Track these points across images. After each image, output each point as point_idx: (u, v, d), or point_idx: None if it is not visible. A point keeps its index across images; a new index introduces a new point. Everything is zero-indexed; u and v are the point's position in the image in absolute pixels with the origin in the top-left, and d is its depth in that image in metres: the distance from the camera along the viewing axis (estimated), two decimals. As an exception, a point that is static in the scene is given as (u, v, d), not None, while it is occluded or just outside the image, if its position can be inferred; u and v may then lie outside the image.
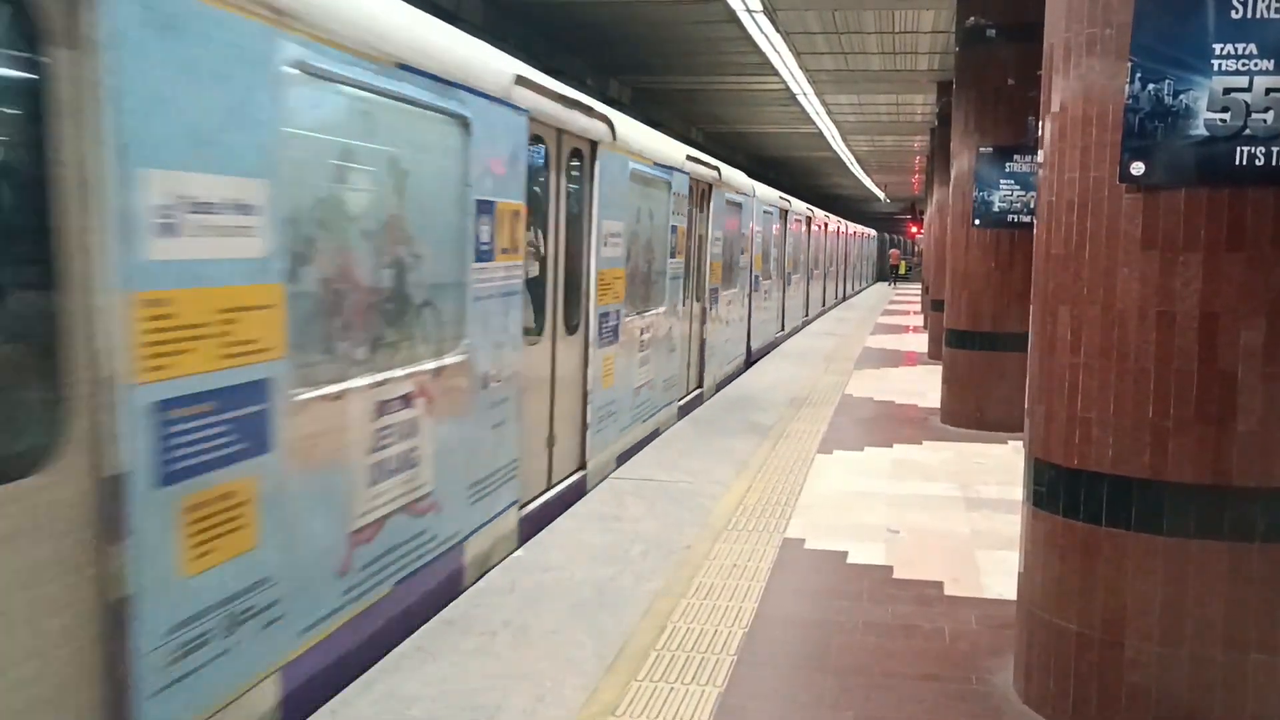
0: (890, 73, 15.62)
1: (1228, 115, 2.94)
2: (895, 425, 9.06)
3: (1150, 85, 3.02)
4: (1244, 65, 2.93)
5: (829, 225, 25.43)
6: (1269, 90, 2.91)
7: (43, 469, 2.43)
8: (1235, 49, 2.93)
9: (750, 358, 13.96)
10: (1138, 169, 3.07)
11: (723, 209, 11.28)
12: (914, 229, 40.93)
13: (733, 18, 11.98)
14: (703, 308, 10.67)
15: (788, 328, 18.01)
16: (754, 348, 14.28)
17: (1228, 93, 2.94)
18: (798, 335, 17.86)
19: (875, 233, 46.31)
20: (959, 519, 5.90)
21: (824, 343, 16.53)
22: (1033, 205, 6.43)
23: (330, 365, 3.61)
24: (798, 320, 19.73)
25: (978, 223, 8.83)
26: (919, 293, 27.24)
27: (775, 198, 16.07)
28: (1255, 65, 2.92)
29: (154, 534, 2.69)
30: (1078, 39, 3.24)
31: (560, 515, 5.81)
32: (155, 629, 2.71)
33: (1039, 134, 3.51)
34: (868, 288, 41.62)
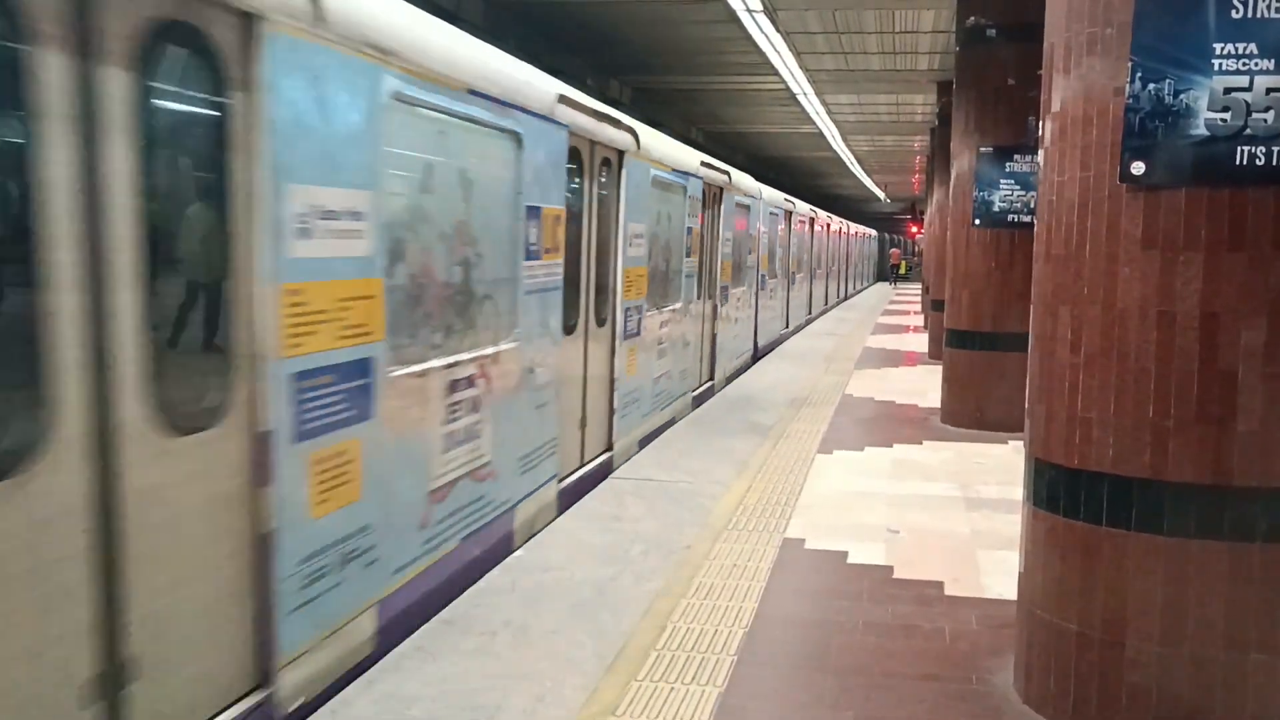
0: (890, 73, 15.61)
1: (1228, 115, 2.94)
2: (895, 425, 9.06)
3: (1151, 85, 3.02)
4: (1244, 65, 2.92)
5: (831, 225, 25.76)
6: (1269, 90, 2.91)
7: (218, 424, 3.05)
8: (1235, 48, 2.93)
9: (757, 353, 14.33)
10: (1138, 169, 3.07)
11: (732, 211, 11.73)
12: (914, 229, 40.95)
13: (733, 18, 11.98)
14: (714, 304, 11.08)
15: (792, 325, 18.43)
16: (760, 344, 14.64)
17: (1228, 92, 2.94)
18: (798, 336, 17.92)
19: (875, 233, 46.34)
20: (959, 519, 5.91)
21: (824, 343, 16.54)
22: (1033, 205, 6.43)
23: (415, 348, 4.22)
24: (801, 319, 20.10)
25: (978, 223, 8.83)
26: (919, 293, 27.24)
27: (781, 200, 16.42)
28: (1255, 65, 2.92)
29: (290, 482, 3.30)
30: (1078, 39, 3.24)
31: (591, 490, 6.34)
32: (291, 559, 3.32)
33: (1039, 134, 3.51)
34: (868, 287, 41.63)
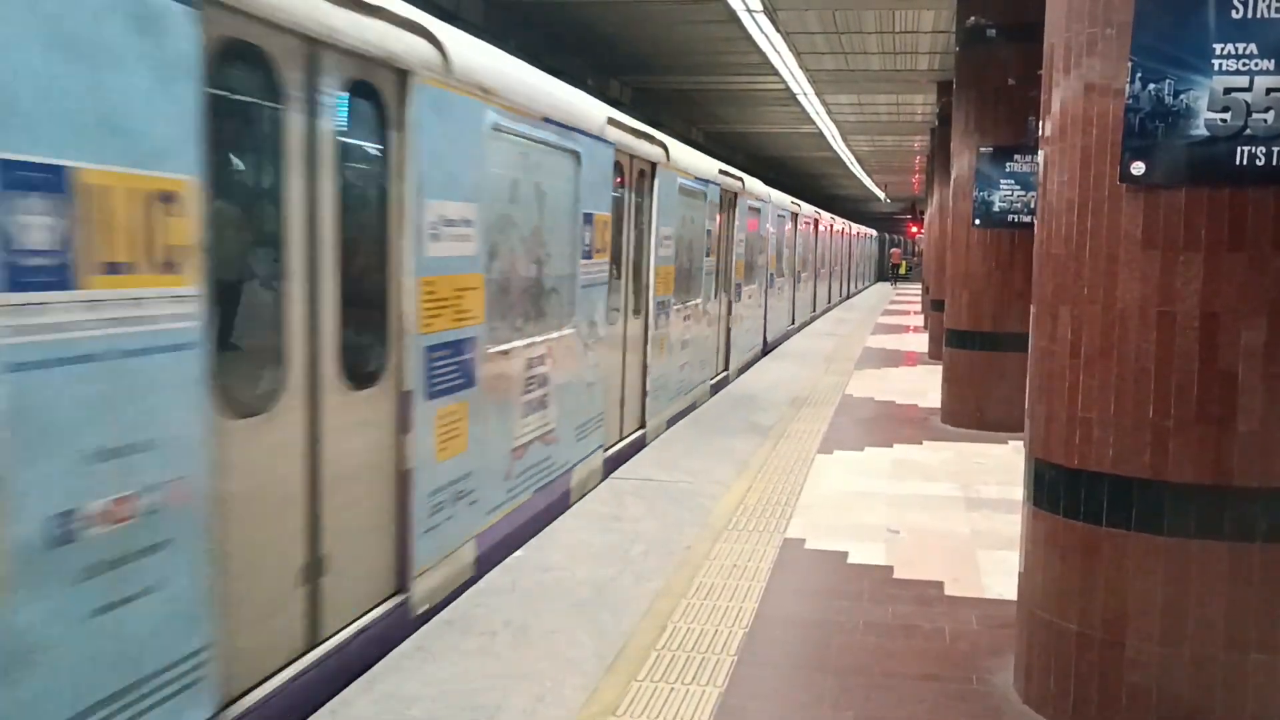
0: (890, 73, 15.61)
1: (1228, 115, 2.94)
2: (895, 425, 9.06)
3: (1151, 85, 3.02)
4: (1244, 65, 2.92)
5: (834, 226, 26.20)
6: (1269, 90, 2.91)
7: (378, 384, 3.94)
8: (1236, 49, 2.93)
9: (766, 347, 15.03)
10: (1138, 169, 3.07)
11: (745, 214, 12.61)
12: (914, 229, 40.93)
13: (733, 18, 11.98)
14: (729, 300, 11.96)
15: (798, 321, 19.21)
16: (769, 338, 15.38)
17: (1228, 92, 2.94)
18: (799, 336, 17.97)
19: (875, 233, 46.35)
20: (959, 519, 5.91)
21: (824, 343, 16.54)
22: (1033, 205, 6.42)
23: (504, 330, 5.13)
24: (806, 316, 20.82)
25: (978, 223, 8.83)
26: (919, 293, 27.25)
27: (788, 202, 17.14)
28: (1256, 65, 2.92)
29: (422, 431, 4.17)
30: (1078, 39, 3.24)
31: (630, 459, 7.23)
32: (423, 493, 4.20)
33: (1039, 134, 3.51)
34: (869, 287, 41.61)
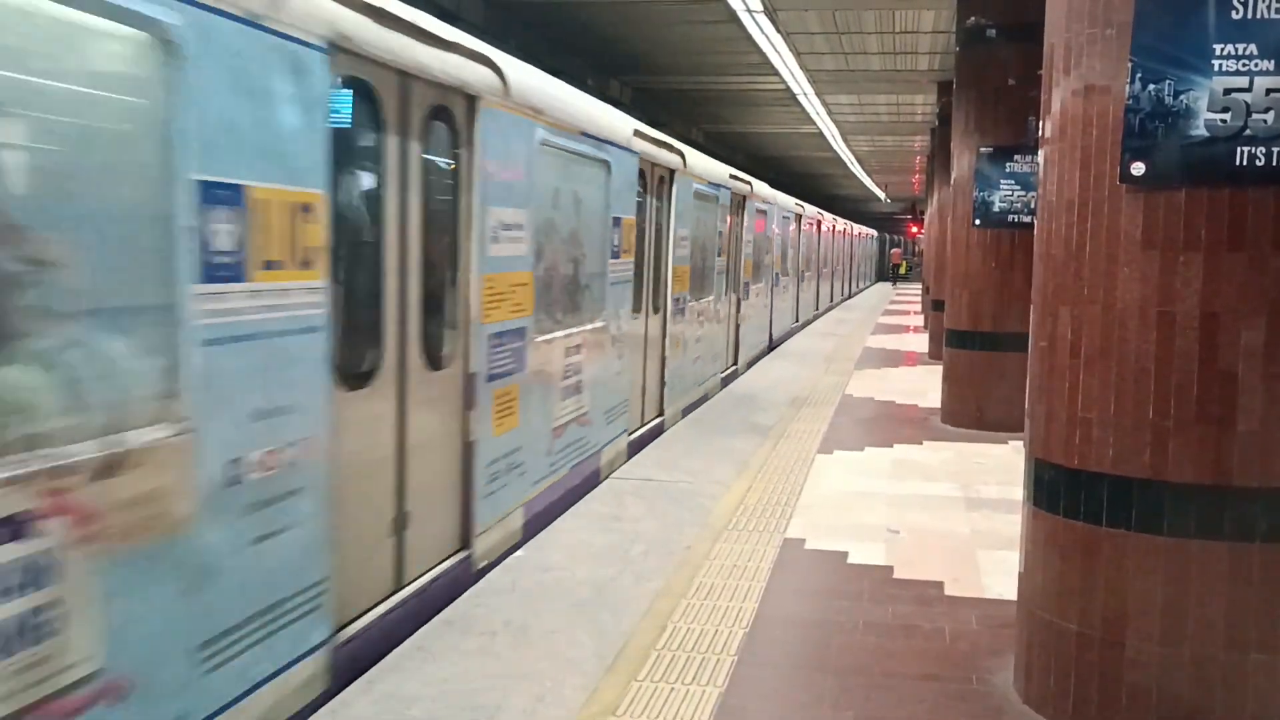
0: (890, 73, 15.60)
1: (1228, 115, 2.94)
2: (895, 425, 9.06)
3: (1151, 85, 3.02)
4: (1244, 65, 2.93)
5: (835, 227, 26.49)
6: (1269, 90, 2.91)
7: (450, 366, 4.51)
8: (1235, 49, 2.93)
9: (771, 343, 15.51)
10: (1138, 169, 3.07)
11: (753, 215, 13.16)
12: (914, 229, 40.91)
13: (733, 18, 11.98)
14: (738, 298, 12.58)
15: (801, 319, 19.60)
16: (775, 335, 15.87)
17: (1228, 93, 2.94)
18: (800, 335, 17.99)
19: (876, 233, 46.34)
20: (959, 519, 5.91)
21: (825, 343, 16.54)
22: (1033, 205, 6.41)
23: (548, 322, 5.74)
24: (809, 314, 21.22)
25: (978, 223, 8.83)
26: (919, 293, 27.25)
27: (792, 204, 17.53)
28: (1255, 65, 2.92)
29: (483, 408, 4.73)
30: (1078, 39, 3.24)
31: (649, 444, 7.74)
32: (483, 461, 4.77)
33: (1039, 134, 3.51)
34: (869, 287, 41.61)
